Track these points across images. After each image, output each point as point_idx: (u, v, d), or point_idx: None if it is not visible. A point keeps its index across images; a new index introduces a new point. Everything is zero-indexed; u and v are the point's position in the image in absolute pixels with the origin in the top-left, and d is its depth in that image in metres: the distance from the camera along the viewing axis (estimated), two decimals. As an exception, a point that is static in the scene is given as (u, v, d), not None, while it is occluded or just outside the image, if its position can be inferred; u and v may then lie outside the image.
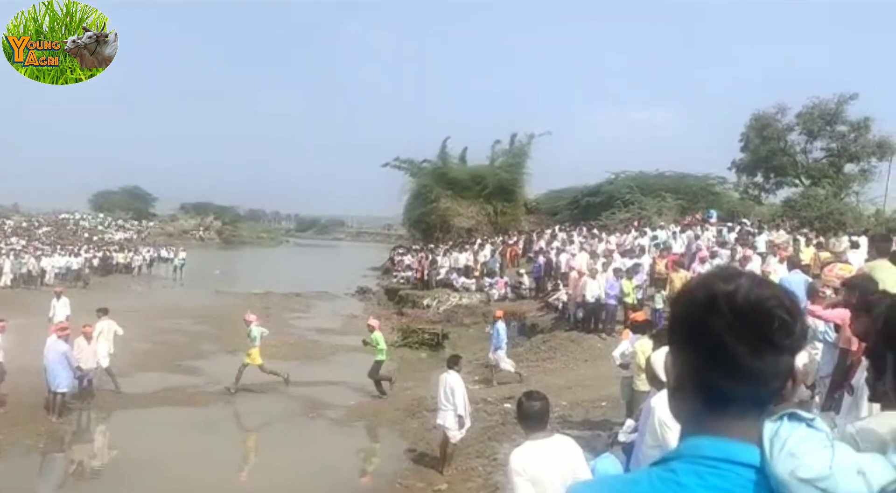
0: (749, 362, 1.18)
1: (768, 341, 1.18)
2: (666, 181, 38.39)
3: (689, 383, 1.24)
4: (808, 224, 29.52)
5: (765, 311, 1.18)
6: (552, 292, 22.29)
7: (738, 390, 1.20)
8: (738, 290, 1.20)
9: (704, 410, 1.23)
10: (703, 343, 1.20)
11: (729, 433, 1.20)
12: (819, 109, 37.64)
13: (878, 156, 37.46)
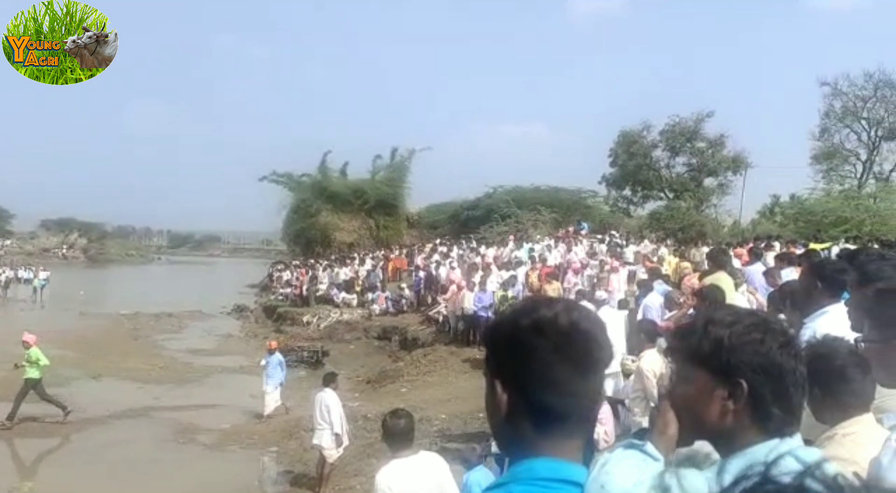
0: (575, 382, 1.26)
1: (591, 360, 1.27)
2: (541, 195, 39.54)
3: (521, 408, 1.29)
4: (672, 235, 31.23)
5: (584, 332, 1.27)
6: (432, 306, 22.44)
7: (566, 409, 1.27)
8: (558, 314, 1.28)
9: (536, 433, 1.28)
10: (532, 367, 1.27)
11: (561, 454, 1.27)
12: (680, 126, 40.09)
13: (734, 170, 40.28)
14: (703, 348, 1.51)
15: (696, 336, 1.52)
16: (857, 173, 38.47)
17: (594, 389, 1.29)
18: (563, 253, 23.48)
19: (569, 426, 1.28)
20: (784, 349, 1.46)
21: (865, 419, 2.33)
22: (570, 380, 1.25)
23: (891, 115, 37.28)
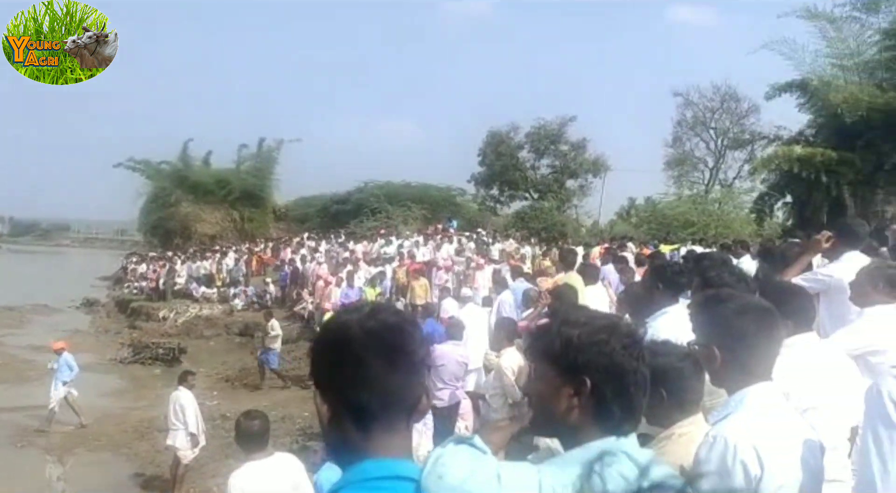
0: (391, 380, 1.30)
1: (404, 356, 1.31)
2: (412, 191, 39.76)
3: (341, 412, 1.32)
4: (535, 234, 32.28)
5: (393, 326, 1.32)
6: (298, 301, 22.04)
7: (385, 408, 1.30)
8: (365, 315, 1.33)
9: (360, 434, 1.31)
10: (346, 368, 1.31)
11: (388, 452, 1.30)
12: (545, 129, 41.52)
13: (594, 173, 42.22)
14: (554, 346, 1.59)
15: (550, 336, 1.61)
16: (705, 180, 41.27)
17: (412, 384, 1.33)
18: (431, 250, 23.72)
19: (392, 423, 1.32)
20: (627, 350, 1.54)
21: (699, 419, 2.50)
22: (386, 378, 1.29)
23: (735, 126, 40.24)
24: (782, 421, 2.12)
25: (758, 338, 2.16)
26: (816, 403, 2.91)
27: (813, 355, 3.12)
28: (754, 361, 2.16)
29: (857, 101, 18.85)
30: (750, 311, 2.19)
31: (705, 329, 2.27)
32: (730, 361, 2.16)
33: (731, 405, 2.15)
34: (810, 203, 20.43)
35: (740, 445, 1.97)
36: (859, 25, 20.67)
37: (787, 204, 22.94)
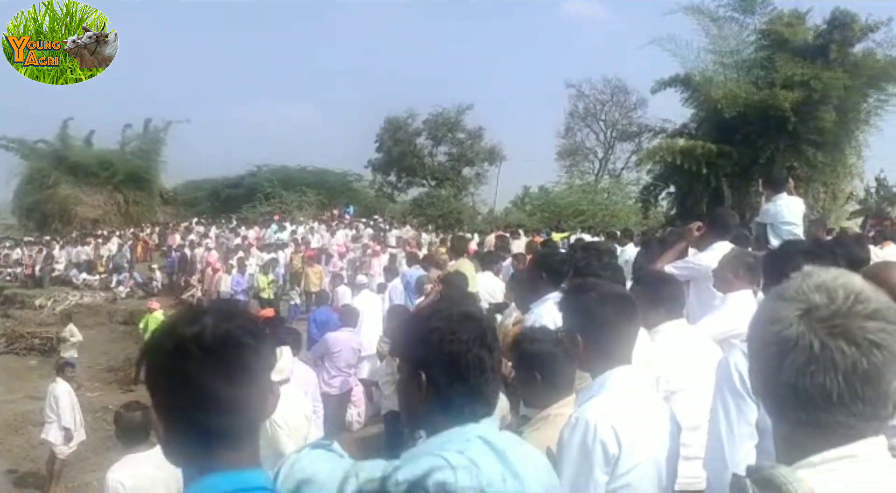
0: (228, 393, 1.22)
1: (242, 368, 1.24)
2: (307, 176, 39.14)
3: (180, 427, 1.26)
4: (432, 221, 32.47)
5: (233, 341, 1.23)
6: (186, 289, 21.30)
7: (226, 422, 1.24)
8: (204, 329, 1.24)
9: (202, 449, 1.24)
10: (181, 388, 1.23)
11: (237, 464, 1.24)
12: (442, 116, 41.74)
13: (490, 161, 42.84)
14: (401, 341, 1.65)
15: (406, 329, 1.65)
16: (595, 170, 42.68)
17: (257, 395, 1.27)
18: (327, 236, 23.46)
19: (236, 439, 1.26)
20: (461, 340, 1.56)
21: (572, 400, 2.60)
22: (227, 397, 1.22)
23: (623, 118, 41.78)
24: (641, 403, 2.25)
25: (617, 325, 2.26)
26: (684, 386, 3.10)
27: (682, 341, 3.30)
28: (614, 346, 2.25)
29: (735, 97, 19.90)
30: (610, 299, 2.28)
31: (569, 317, 2.36)
32: (592, 347, 2.26)
33: (594, 388, 2.25)
34: (691, 194, 21.44)
35: (600, 426, 2.07)
36: (738, 25, 21.81)
37: (670, 194, 23.97)
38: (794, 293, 1.13)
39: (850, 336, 1.07)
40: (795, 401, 1.11)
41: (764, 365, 1.16)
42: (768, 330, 1.14)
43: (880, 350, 1.07)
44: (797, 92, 18.91)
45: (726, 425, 2.14)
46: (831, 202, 20.99)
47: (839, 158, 20.75)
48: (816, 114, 19.02)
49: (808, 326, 1.09)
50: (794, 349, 1.09)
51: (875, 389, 1.08)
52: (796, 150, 19.68)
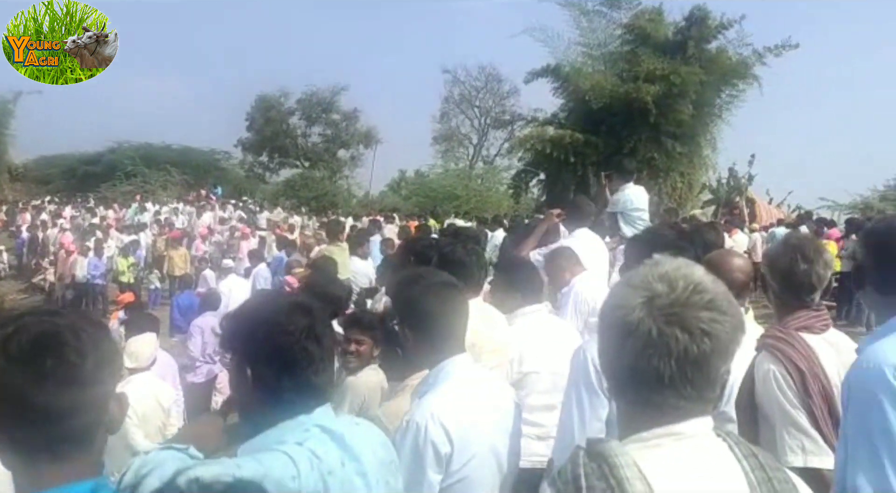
0: (43, 401, 1.13)
1: (57, 374, 1.14)
2: (172, 154, 37.29)
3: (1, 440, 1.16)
4: (305, 204, 31.88)
5: (44, 345, 1.14)
6: (37, 272, 19.83)
7: (44, 433, 1.14)
8: (15, 332, 1.14)
9: (23, 464, 1.16)
10: None
11: (62, 479, 1.15)
12: (316, 96, 40.98)
13: (366, 144, 42.52)
14: (234, 333, 1.59)
15: (232, 322, 1.58)
16: (470, 155, 43.28)
17: (84, 403, 1.17)
18: (192, 217, 22.52)
19: (58, 452, 1.16)
20: (293, 334, 1.53)
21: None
22: (41, 404, 1.13)
23: (497, 106, 42.55)
24: (476, 390, 2.23)
25: (444, 315, 2.22)
26: (538, 368, 3.18)
27: (539, 324, 3.39)
28: (443, 337, 2.22)
29: (602, 89, 20.68)
30: (433, 290, 2.24)
31: (397, 311, 2.35)
32: (421, 339, 2.24)
33: (428, 382, 2.23)
34: (560, 181, 22.12)
35: (430, 426, 2.04)
36: (606, 19, 22.63)
37: (541, 181, 24.65)
38: (640, 281, 1.20)
39: (684, 324, 1.15)
40: (633, 382, 1.19)
41: (608, 346, 1.23)
42: (614, 314, 1.20)
43: (710, 339, 1.15)
44: (658, 86, 19.85)
45: (578, 418, 2.17)
46: (687, 191, 22.22)
47: (695, 149, 21.99)
48: (675, 107, 20.05)
49: (648, 313, 1.16)
50: (634, 334, 1.16)
51: (703, 374, 1.16)
52: (657, 141, 20.68)
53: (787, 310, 2.56)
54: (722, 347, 1.16)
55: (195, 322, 7.71)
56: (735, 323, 1.18)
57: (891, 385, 1.73)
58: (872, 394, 1.76)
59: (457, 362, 2.22)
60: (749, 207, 20.71)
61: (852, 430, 1.82)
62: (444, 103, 43.23)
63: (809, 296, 2.53)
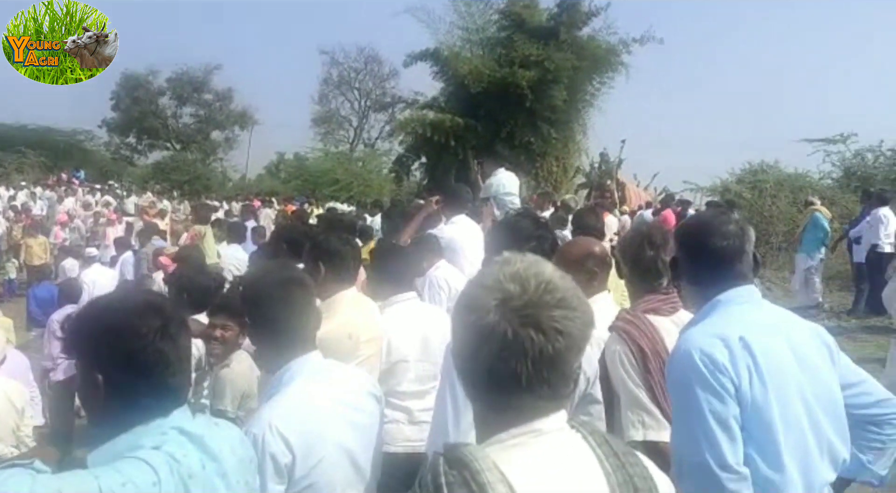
0: None
1: None
2: (28, 135, 34.74)
3: None
4: (178, 187, 30.57)
5: None
6: None
7: None
8: None
9: None
10: None
11: None
12: (187, 75, 39.24)
13: (241, 125, 41.21)
14: (79, 337, 1.50)
15: (76, 325, 1.50)
16: (350, 138, 42.83)
17: None
18: (49, 203, 21.10)
19: None
20: (145, 335, 1.46)
21: None
22: None
23: (377, 88, 42.26)
24: (325, 390, 2.16)
25: (287, 314, 2.16)
26: (408, 356, 3.20)
27: (409, 312, 3.40)
28: (288, 336, 2.16)
29: (480, 73, 20.93)
30: (276, 287, 2.18)
31: (245, 309, 2.29)
32: (266, 339, 2.20)
33: (273, 384, 2.16)
34: (441, 165, 22.28)
35: (268, 438, 1.97)
36: (484, 4, 22.87)
37: (423, 164, 24.74)
38: (493, 282, 1.19)
39: (538, 325, 1.15)
40: (490, 384, 1.19)
41: (464, 349, 1.22)
42: (469, 318, 1.19)
43: (563, 337, 1.16)
44: (533, 71, 20.31)
45: (452, 412, 2.15)
46: (562, 175, 22.94)
47: (569, 134, 22.71)
48: (550, 92, 20.60)
49: (503, 315, 1.16)
50: (491, 337, 1.16)
51: (559, 372, 1.18)
52: (533, 126, 21.19)
53: (637, 294, 2.71)
54: (574, 343, 1.18)
55: (53, 317, 7.20)
56: (585, 319, 1.20)
57: (698, 369, 1.89)
58: (686, 377, 1.92)
59: (303, 361, 2.15)
60: (620, 190, 21.60)
61: (675, 410, 2.01)
62: (323, 85, 42.55)
63: (657, 280, 2.67)
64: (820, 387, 1.98)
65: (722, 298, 2.04)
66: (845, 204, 16.04)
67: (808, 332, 2.08)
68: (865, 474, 2.11)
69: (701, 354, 1.90)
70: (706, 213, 2.41)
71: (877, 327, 9.70)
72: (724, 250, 2.04)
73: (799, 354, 1.98)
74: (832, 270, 13.24)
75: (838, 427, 1.99)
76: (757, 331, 1.96)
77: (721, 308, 2.04)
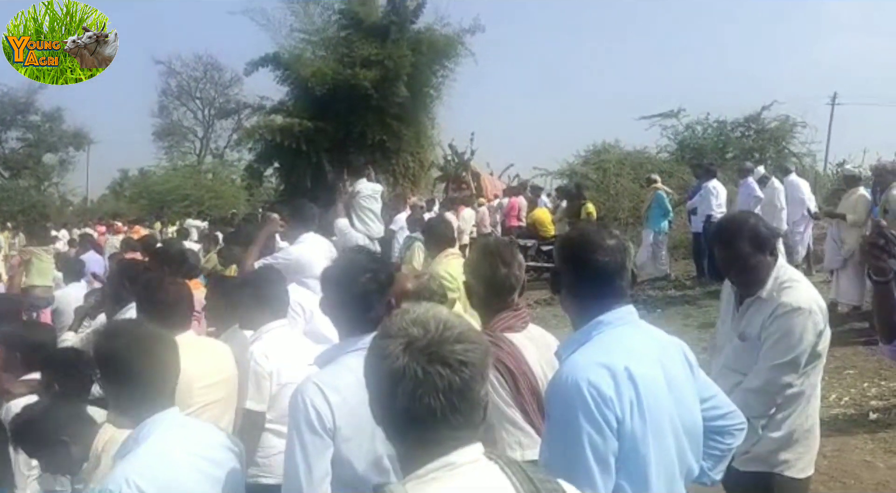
0: None
1: None
2: None
3: None
4: (11, 218, 28.32)
5: None
6: None
7: None
8: None
9: None
10: None
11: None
12: (9, 97, 36.29)
13: (76, 146, 38.59)
14: None
15: None
16: (197, 150, 41.15)
17: None
18: None
19: None
20: None
21: None
22: None
23: (220, 95, 40.79)
24: (182, 442, 2.12)
25: (148, 370, 2.12)
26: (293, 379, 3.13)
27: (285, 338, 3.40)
28: (146, 393, 2.12)
29: (323, 75, 20.64)
30: (134, 345, 2.14)
31: (98, 366, 2.23)
32: (123, 397, 2.16)
33: (128, 442, 2.08)
34: (295, 170, 21.85)
35: (124, 492, 1.89)
36: (322, 5, 22.54)
37: (277, 169, 24.17)
38: (397, 330, 1.32)
39: (444, 360, 1.28)
40: (408, 423, 1.30)
41: (380, 396, 1.33)
42: (380, 366, 1.31)
43: (468, 367, 1.29)
44: (374, 70, 20.28)
45: (303, 464, 2.10)
46: (419, 170, 23.11)
47: (420, 129, 22.87)
48: (393, 90, 20.64)
49: (411, 356, 1.28)
50: (403, 379, 1.27)
51: (468, 400, 1.30)
52: (382, 123, 21.17)
53: (491, 312, 2.73)
54: (478, 372, 1.30)
55: None
56: (484, 349, 1.33)
57: (585, 401, 1.85)
58: (571, 407, 1.87)
59: (161, 418, 2.09)
60: (475, 180, 22.05)
61: (552, 436, 1.95)
62: (162, 96, 40.60)
63: (510, 296, 2.71)
64: (685, 413, 2.02)
65: (604, 319, 2.02)
66: (681, 175, 17.11)
67: (675, 352, 2.11)
68: (703, 478, 2.19)
69: (589, 385, 1.85)
70: (589, 227, 2.46)
71: (718, 291, 10.45)
72: (605, 266, 2.03)
73: (671, 380, 2.00)
74: (674, 239, 14.13)
75: (696, 449, 2.07)
76: (639, 360, 1.95)
77: (605, 331, 2.01)
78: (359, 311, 2.31)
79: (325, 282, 2.43)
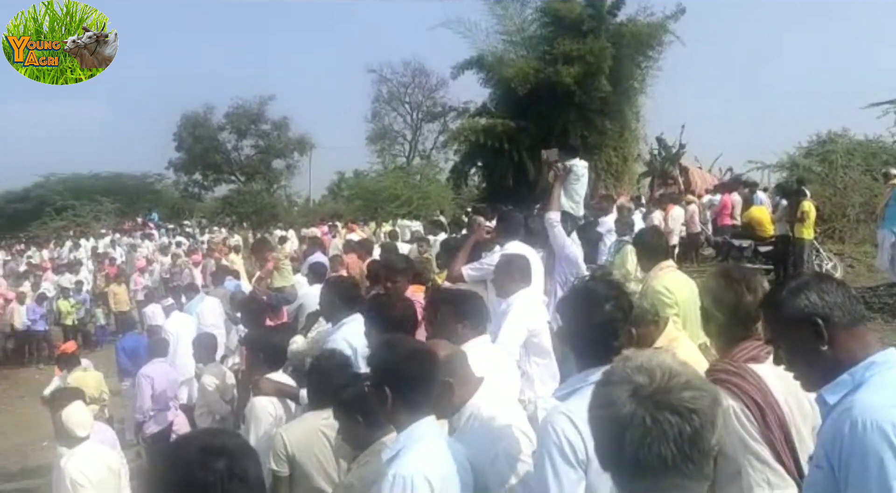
0: None
1: None
2: (102, 183, 36.23)
3: None
4: (246, 219, 31.32)
5: None
6: (-27, 325, 19.08)
7: None
8: None
9: None
10: None
11: None
12: (243, 109, 40.22)
13: (300, 151, 41.96)
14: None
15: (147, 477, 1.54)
16: (406, 152, 43.11)
17: None
18: (129, 249, 21.93)
19: None
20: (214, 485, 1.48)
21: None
22: None
23: (427, 99, 42.44)
24: (444, 450, 2.39)
25: (422, 379, 2.40)
26: None
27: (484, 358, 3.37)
28: (420, 399, 2.40)
29: (525, 75, 20.86)
30: (416, 356, 2.44)
31: (378, 372, 2.45)
32: (399, 401, 2.38)
33: (401, 441, 2.36)
34: (497, 169, 22.28)
35: (416, 480, 2.19)
36: (520, 4, 22.76)
37: (479, 168, 24.72)
38: (621, 377, 1.32)
39: (672, 407, 1.26)
40: (637, 471, 1.28)
41: (607, 443, 1.33)
42: (605, 413, 1.31)
43: (697, 414, 1.26)
44: (576, 66, 20.14)
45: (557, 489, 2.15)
46: (623, 165, 22.59)
47: (624, 123, 22.35)
48: (595, 85, 20.37)
49: (638, 404, 1.27)
50: (630, 426, 1.26)
51: (699, 449, 1.27)
52: (585, 119, 20.98)
53: (732, 341, 2.58)
54: (708, 420, 1.27)
55: (142, 372, 7.44)
56: (712, 397, 1.30)
57: (893, 443, 1.72)
58: (875, 453, 1.72)
59: (428, 423, 2.39)
60: (683, 175, 21.14)
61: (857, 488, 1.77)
62: (374, 102, 43.00)
63: (755, 325, 2.53)
64: None
65: (877, 359, 1.88)
66: (925, 167, 15.22)
67: None
68: None
69: (894, 428, 1.72)
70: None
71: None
72: None
73: None
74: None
75: None
76: None
77: (879, 372, 1.87)
78: (604, 339, 2.32)
79: (564, 311, 2.48)
